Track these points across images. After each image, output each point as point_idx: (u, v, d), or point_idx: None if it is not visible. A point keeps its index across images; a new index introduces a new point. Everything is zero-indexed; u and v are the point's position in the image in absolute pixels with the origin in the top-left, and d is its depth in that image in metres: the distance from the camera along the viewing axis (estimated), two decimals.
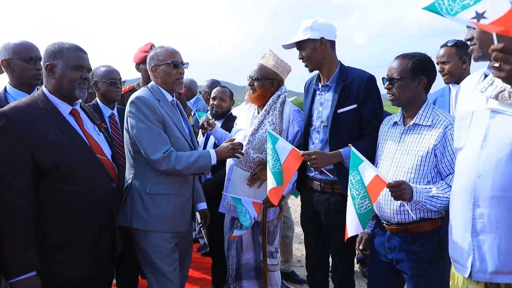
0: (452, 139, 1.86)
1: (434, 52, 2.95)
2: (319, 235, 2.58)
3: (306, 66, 2.49)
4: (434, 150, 1.96)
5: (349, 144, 2.00)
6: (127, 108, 2.30)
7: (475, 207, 1.57)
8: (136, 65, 3.44)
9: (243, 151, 2.52)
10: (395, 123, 2.15)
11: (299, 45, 2.47)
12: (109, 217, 2.04)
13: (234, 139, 2.56)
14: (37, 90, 2.23)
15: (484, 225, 1.55)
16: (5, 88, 2.38)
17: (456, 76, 2.79)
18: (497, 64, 1.41)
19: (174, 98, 2.46)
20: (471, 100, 1.68)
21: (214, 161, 2.34)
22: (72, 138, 1.90)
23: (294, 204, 6.22)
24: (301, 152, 2.30)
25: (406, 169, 2.01)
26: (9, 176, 1.73)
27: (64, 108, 1.96)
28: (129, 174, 2.37)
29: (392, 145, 2.12)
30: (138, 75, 3.56)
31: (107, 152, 2.09)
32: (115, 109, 2.96)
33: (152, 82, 2.43)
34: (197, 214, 2.65)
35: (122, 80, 3.00)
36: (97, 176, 1.95)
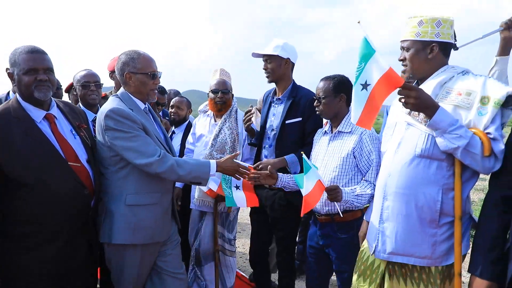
0: (367, 142, 2.36)
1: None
2: (265, 225, 3.00)
3: (267, 77, 2.92)
4: (353, 152, 2.39)
5: (302, 152, 2.40)
6: (102, 121, 2.16)
7: (384, 200, 1.98)
8: (110, 73, 3.41)
9: (207, 154, 2.91)
10: (325, 132, 2.62)
11: (268, 57, 2.88)
12: (83, 222, 2.06)
13: (237, 154, 2.58)
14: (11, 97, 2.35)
15: (388, 215, 1.96)
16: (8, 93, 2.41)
17: None
18: (402, 99, 1.76)
19: (146, 105, 2.39)
20: (396, 112, 2.03)
21: (213, 171, 2.30)
22: (41, 146, 1.92)
23: None
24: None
25: (331, 168, 2.44)
26: None
27: (37, 114, 1.97)
28: (104, 187, 2.24)
29: (322, 149, 2.56)
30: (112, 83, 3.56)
31: (82, 156, 2.08)
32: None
33: (122, 90, 2.32)
34: None
35: (100, 83, 2.99)
36: (65, 183, 1.96)
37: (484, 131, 1.72)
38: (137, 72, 2.26)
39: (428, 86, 1.90)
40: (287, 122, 2.83)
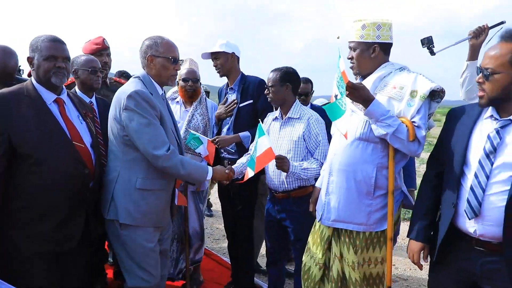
0: (314, 125, 2.69)
1: None
2: (229, 201, 3.33)
3: (218, 72, 3.29)
4: (303, 136, 2.69)
5: (259, 120, 2.67)
6: (123, 100, 2.16)
7: (330, 175, 2.30)
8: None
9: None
10: (276, 117, 2.93)
11: (216, 55, 3.21)
12: (80, 199, 2.13)
13: (231, 166, 2.72)
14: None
15: (332, 188, 2.28)
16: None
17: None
18: (348, 93, 2.07)
19: (163, 91, 2.43)
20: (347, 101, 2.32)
21: (209, 177, 2.39)
22: (49, 124, 2.05)
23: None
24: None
25: (284, 151, 2.72)
26: None
27: (48, 97, 2.11)
28: (114, 167, 2.26)
29: (275, 134, 2.84)
30: None
31: (87, 140, 2.21)
32: (93, 98, 2.95)
33: (144, 72, 2.33)
34: None
35: (100, 68, 2.99)
36: (67, 160, 2.06)
37: (410, 119, 2.06)
38: (159, 55, 2.29)
39: (369, 80, 2.23)
40: (240, 105, 3.20)
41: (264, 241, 3.53)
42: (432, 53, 2.60)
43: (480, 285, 1.80)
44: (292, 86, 2.81)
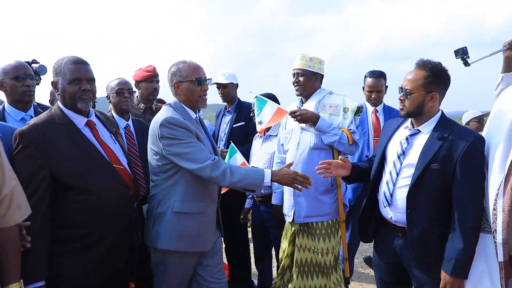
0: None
1: (384, 71, 3.69)
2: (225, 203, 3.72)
3: (223, 98, 3.79)
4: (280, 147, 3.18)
5: (258, 95, 3.16)
6: (157, 130, 2.18)
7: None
8: (135, 83, 3.50)
9: None
10: (260, 136, 3.44)
11: (223, 85, 3.74)
12: (128, 223, 2.11)
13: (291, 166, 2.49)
14: (33, 107, 2.52)
15: (298, 192, 2.72)
16: (3, 106, 2.51)
17: (380, 99, 3.69)
18: (294, 118, 2.74)
19: (198, 115, 2.42)
20: (291, 124, 2.90)
21: (267, 179, 2.25)
22: (87, 150, 1.99)
23: None
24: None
25: (263, 162, 3.23)
26: (29, 190, 1.77)
27: (79, 121, 2.03)
28: (154, 195, 2.29)
29: (257, 148, 3.37)
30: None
31: (123, 160, 2.15)
32: (130, 120, 3.02)
33: (175, 100, 2.35)
34: None
35: (132, 90, 3.07)
36: (112, 185, 2.02)
37: (347, 128, 2.72)
38: (184, 80, 2.30)
39: (310, 104, 2.86)
40: (234, 126, 3.72)
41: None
42: (467, 64, 2.61)
43: (402, 263, 2.18)
44: None
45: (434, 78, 2.03)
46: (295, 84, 2.89)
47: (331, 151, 2.77)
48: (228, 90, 3.76)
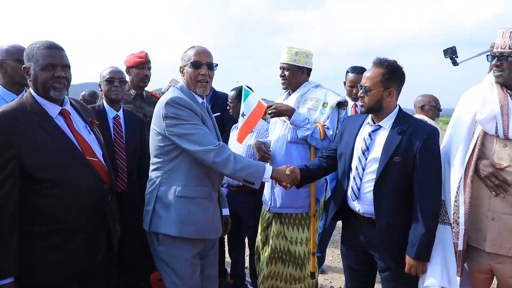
0: (263, 135, 3.20)
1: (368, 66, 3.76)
2: None
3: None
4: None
5: (244, 86, 3.07)
6: (162, 109, 2.14)
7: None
8: (126, 69, 3.40)
9: None
10: (237, 127, 3.40)
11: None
12: (101, 218, 2.00)
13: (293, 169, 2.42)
14: (25, 91, 2.36)
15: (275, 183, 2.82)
16: None
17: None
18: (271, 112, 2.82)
19: (204, 101, 2.37)
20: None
21: (267, 175, 2.22)
22: (60, 141, 1.86)
23: None
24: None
25: (239, 152, 3.27)
26: None
27: (52, 109, 1.90)
28: (154, 179, 2.22)
29: (234, 139, 3.33)
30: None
31: (98, 152, 2.04)
32: (121, 111, 2.90)
33: (182, 83, 2.33)
34: None
35: (124, 80, 2.96)
36: (86, 178, 1.91)
37: (323, 124, 2.78)
38: (185, 64, 2.28)
39: (292, 98, 2.92)
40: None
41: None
42: (455, 63, 2.63)
43: (369, 251, 2.30)
44: None
45: (391, 75, 2.16)
46: (281, 78, 2.95)
47: (308, 145, 2.83)
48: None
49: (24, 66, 1.91)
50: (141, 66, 3.34)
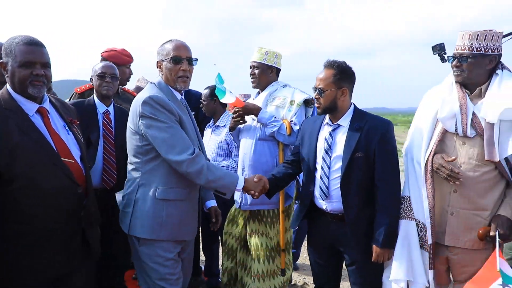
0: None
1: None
2: None
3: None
4: (225, 139, 3.37)
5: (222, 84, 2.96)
6: (139, 108, 2.06)
7: (243, 171, 2.89)
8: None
9: None
10: (209, 125, 3.55)
11: None
12: (76, 222, 1.91)
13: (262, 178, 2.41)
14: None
15: None
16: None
17: None
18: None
19: (182, 97, 2.29)
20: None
21: (240, 186, 2.19)
22: (34, 140, 1.79)
23: None
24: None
25: (211, 150, 3.35)
26: None
27: (29, 107, 1.83)
28: (133, 180, 2.16)
29: (207, 137, 3.49)
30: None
31: (75, 153, 1.96)
32: (112, 106, 2.84)
33: (159, 79, 2.24)
34: None
35: (116, 76, 2.86)
36: (58, 180, 1.83)
37: (289, 120, 2.82)
38: (163, 59, 2.19)
39: (262, 96, 2.98)
40: None
41: None
42: (444, 60, 2.63)
43: (336, 247, 2.36)
44: (218, 100, 3.37)
45: (342, 75, 2.27)
46: (251, 77, 3.00)
47: (277, 142, 2.87)
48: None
49: (1, 61, 1.84)
50: (129, 65, 3.34)
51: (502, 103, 1.93)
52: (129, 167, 2.20)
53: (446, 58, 2.46)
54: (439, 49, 2.65)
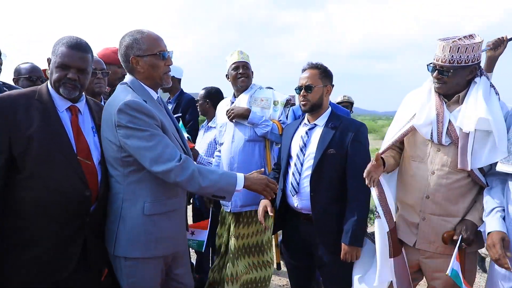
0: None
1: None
2: None
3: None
4: (214, 139, 3.37)
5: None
6: (114, 116, 1.82)
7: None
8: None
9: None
10: (202, 126, 3.65)
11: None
12: (79, 225, 1.83)
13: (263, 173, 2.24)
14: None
15: None
16: None
17: None
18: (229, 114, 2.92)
19: (159, 95, 2.08)
20: (223, 118, 3.04)
21: (240, 186, 1.95)
22: (55, 133, 1.77)
23: None
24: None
25: (203, 149, 3.41)
26: None
27: (61, 104, 1.85)
28: (116, 195, 1.91)
29: (199, 137, 3.58)
30: None
31: (95, 156, 1.89)
32: (103, 103, 2.64)
33: (131, 78, 1.98)
34: None
35: (106, 71, 2.69)
36: (68, 178, 1.77)
37: (278, 119, 2.94)
38: (144, 54, 1.92)
39: (243, 99, 3.01)
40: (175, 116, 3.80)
41: None
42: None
43: (307, 248, 2.38)
44: (212, 102, 3.55)
45: (325, 74, 2.39)
46: (243, 76, 3.00)
47: (264, 142, 2.95)
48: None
49: (48, 57, 1.90)
50: (120, 65, 3.26)
51: (477, 113, 1.92)
52: (111, 179, 1.94)
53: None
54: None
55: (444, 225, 2.04)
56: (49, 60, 1.88)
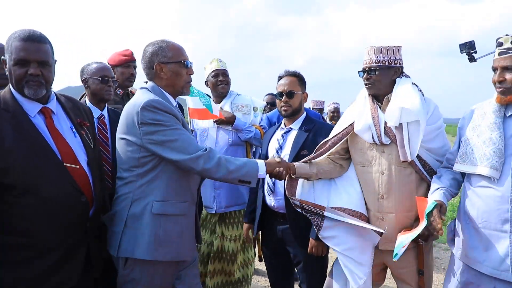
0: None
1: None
2: None
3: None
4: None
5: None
6: (137, 115, 1.85)
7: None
8: (111, 67, 3.04)
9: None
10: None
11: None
12: (79, 235, 1.76)
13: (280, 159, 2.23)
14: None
15: (218, 184, 3.04)
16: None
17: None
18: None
19: (177, 103, 2.16)
20: (203, 123, 3.20)
21: (262, 171, 2.02)
22: (33, 143, 1.64)
23: None
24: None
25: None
26: None
27: (31, 107, 1.69)
28: (124, 195, 1.91)
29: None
30: None
31: (82, 158, 1.81)
32: (105, 110, 2.65)
33: (152, 84, 2.02)
34: None
35: (115, 79, 2.73)
36: (60, 188, 1.68)
37: (259, 125, 3.23)
38: (169, 61, 2.00)
39: (226, 105, 3.20)
40: None
41: None
42: (472, 59, 2.46)
43: (283, 246, 2.54)
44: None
45: (302, 81, 2.58)
46: (223, 83, 3.18)
47: (245, 146, 3.14)
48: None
49: (2, 57, 1.71)
50: (127, 65, 3.20)
51: (398, 106, 2.05)
52: (119, 182, 1.97)
53: (476, 57, 2.34)
54: (469, 47, 2.46)
55: (404, 220, 2.13)
56: (4, 61, 1.69)
